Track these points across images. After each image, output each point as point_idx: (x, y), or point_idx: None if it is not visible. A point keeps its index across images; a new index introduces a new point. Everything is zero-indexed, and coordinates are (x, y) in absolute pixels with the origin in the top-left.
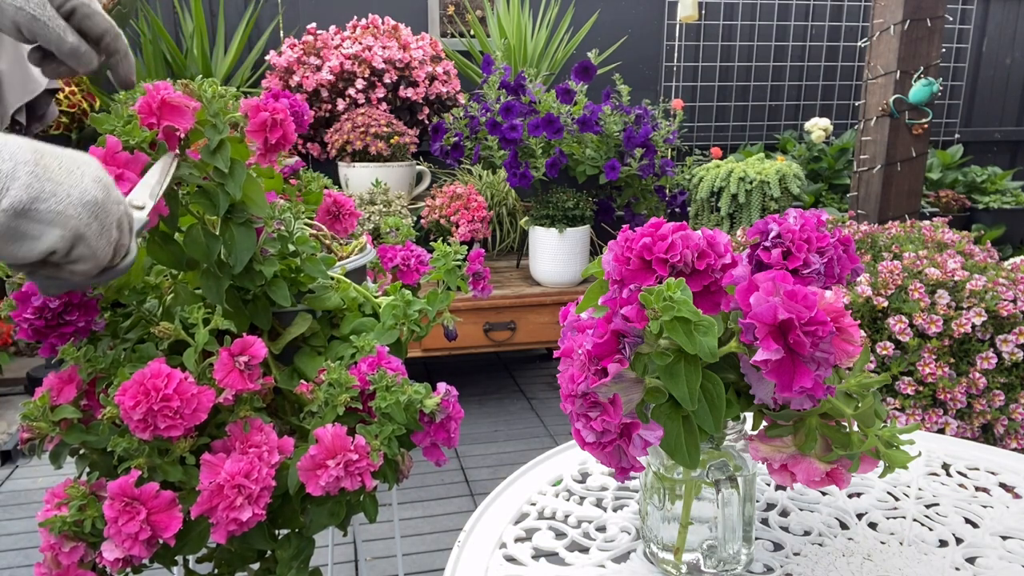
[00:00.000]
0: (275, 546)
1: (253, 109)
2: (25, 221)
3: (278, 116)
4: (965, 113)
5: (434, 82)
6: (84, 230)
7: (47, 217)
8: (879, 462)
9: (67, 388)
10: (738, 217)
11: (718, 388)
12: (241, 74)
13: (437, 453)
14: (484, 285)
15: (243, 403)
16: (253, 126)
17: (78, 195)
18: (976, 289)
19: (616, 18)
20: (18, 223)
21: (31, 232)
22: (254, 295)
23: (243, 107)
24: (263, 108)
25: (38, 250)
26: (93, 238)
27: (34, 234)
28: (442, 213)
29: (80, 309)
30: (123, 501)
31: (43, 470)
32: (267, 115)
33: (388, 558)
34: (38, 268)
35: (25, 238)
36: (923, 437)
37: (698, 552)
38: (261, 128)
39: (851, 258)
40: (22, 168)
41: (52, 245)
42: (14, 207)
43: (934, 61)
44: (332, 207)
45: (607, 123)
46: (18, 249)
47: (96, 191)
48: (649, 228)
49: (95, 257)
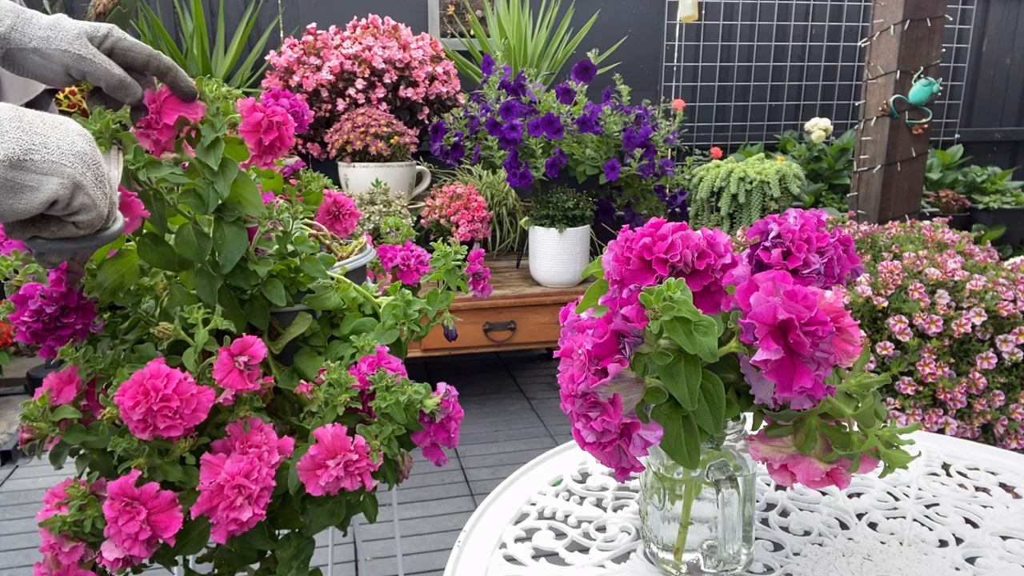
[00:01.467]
0: (275, 546)
1: (248, 110)
2: (22, 172)
3: (275, 118)
4: (965, 113)
5: (434, 82)
6: (80, 178)
7: (43, 167)
8: (879, 462)
9: (67, 388)
10: (738, 217)
11: (718, 388)
12: (241, 74)
13: (437, 453)
14: (484, 285)
15: (243, 403)
16: (246, 127)
17: (68, 145)
18: (976, 289)
19: (616, 18)
20: (15, 175)
21: (29, 183)
22: (251, 295)
23: (239, 107)
24: (258, 109)
25: (39, 200)
26: (90, 187)
27: (32, 184)
28: (442, 213)
29: (77, 312)
30: (123, 501)
31: (43, 470)
32: (261, 116)
33: (388, 558)
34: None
35: (24, 189)
36: (923, 437)
37: (698, 552)
38: (255, 129)
39: (851, 258)
40: (7, 123)
41: (53, 193)
42: (9, 158)
43: (934, 61)
44: (332, 207)
45: (607, 123)
46: (18, 202)
47: (83, 144)
48: (649, 228)
49: (96, 207)
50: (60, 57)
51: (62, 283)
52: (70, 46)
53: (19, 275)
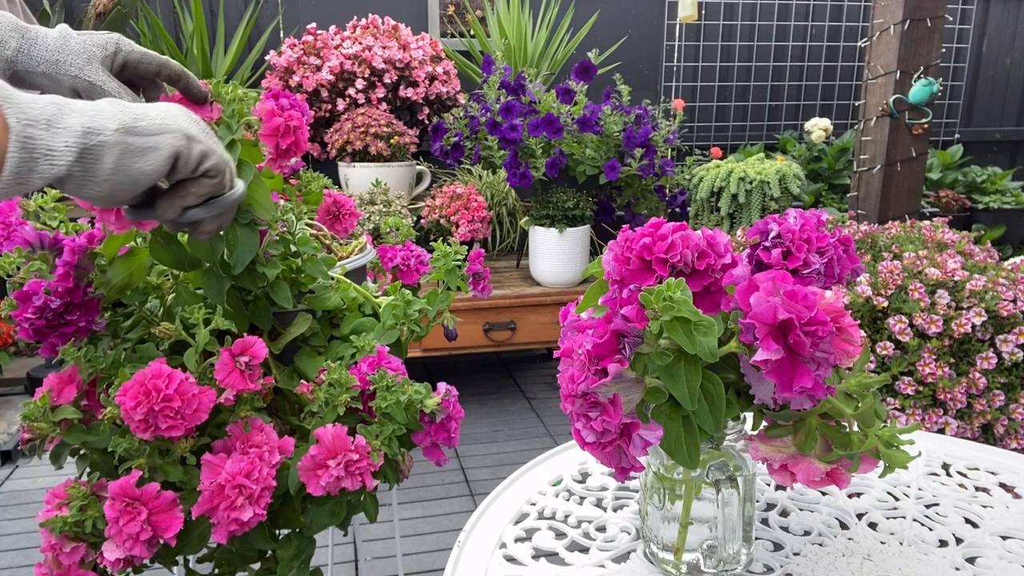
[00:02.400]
0: (276, 546)
1: (268, 114)
2: (138, 137)
3: (292, 123)
4: (965, 113)
5: (434, 82)
6: (189, 129)
7: (153, 128)
8: (879, 462)
9: (67, 388)
10: (738, 217)
11: (718, 388)
12: (241, 74)
13: (437, 453)
14: (484, 285)
15: (244, 403)
16: (266, 131)
17: (164, 110)
18: (976, 289)
19: (616, 18)
20: (133, 140)
21: (148, 144)
22: (255, 296)
23: (258, 111)
24: (277, 114)
25: (163, 156)
26: (201, 135)
27: (151, 144)
28: (442, 213)
29: (81, 308)
30: (124, 501)
31: (43, 470)
32: (281, 121)
33: (388, 558)
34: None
35: (146, 151)
36: (923, 437)
37: (698, 552)
38: (274, 133)
39: (851, 258)
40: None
41: (172, 146)
42: (123, 126)
43: (934, 61)
44: (332, 207)
45: (607, 123)
46: (146, 163)
47: (175, 108)
48: (649, 228)
49: (215, 152)
50: (71, 83)
51: (69, 278)
52: (80, 72)
53: (22, 272)
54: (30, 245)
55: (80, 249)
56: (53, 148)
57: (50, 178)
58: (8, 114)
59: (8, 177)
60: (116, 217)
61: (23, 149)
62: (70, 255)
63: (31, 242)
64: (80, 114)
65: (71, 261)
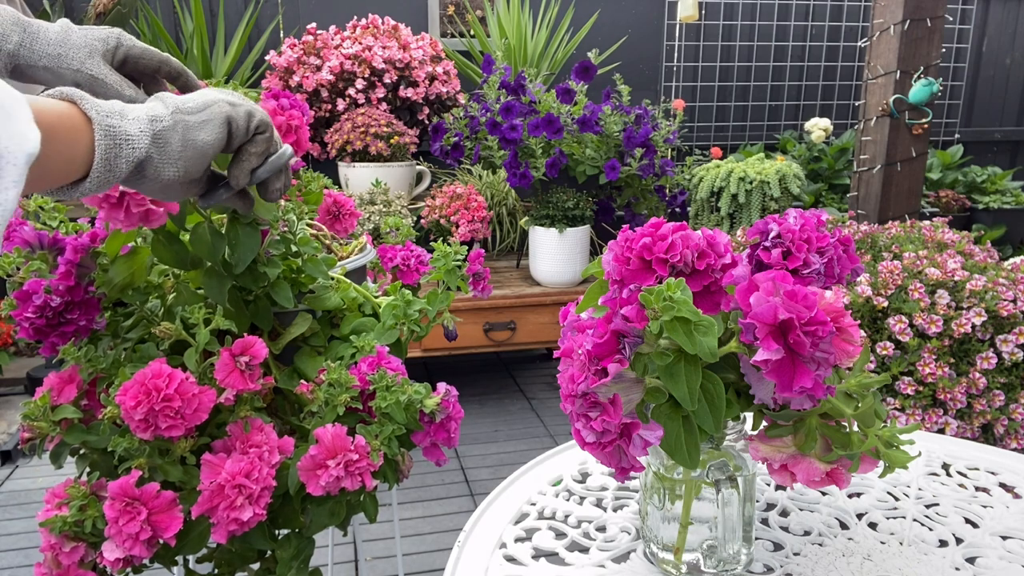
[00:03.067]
0: (275, 546)
1: (269, 113)
2: (190, 115)
3: (293, 122)
4: (965, 113)
5: (434, 82)
6: (229, 97)
7: (199, 105)
8: (879, 462)
9: (68, 388)
10: (738, 217)
11: (718, 388)
12: (241, 74)
13: (437, 453)
14: (484, 285)
15: (244, 403)
16: None
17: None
18: (976, 289)
19: (616, 18)
20: (188, 118)
21: (201, 118)
22: (256, 296)
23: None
24: (278, 113)
25: (219, 124)
26: (240, 100)
27: (204, 118)
28: (442, 213)
29: (81, 308)
30: (124, 501)
31: (43, 470)
32: (283, 120)
33: (388, 558)
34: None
35: (203, 125)
36: (923, 437)
37: (698, 552)
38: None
39: (851, 258)
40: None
41: (223, 115)
42: (176, 108)
43: (934, 61)
44: (332, 207)
45: (607, 123)
46: (206, 134)
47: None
48: (649, 228)
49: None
50: (72, 76)
51: (71, 276)
52: (82, 66)
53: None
54: (29, 245)
55: (83, 248)
56: (131, 134)
57: (134, 161)
58: (87, 108)
59: (100, 164)
60: (125, 214)
61: (107, 136)
62: (73, 253)
63: (30, 242)
64: (138, 106)
65: (74, 259)
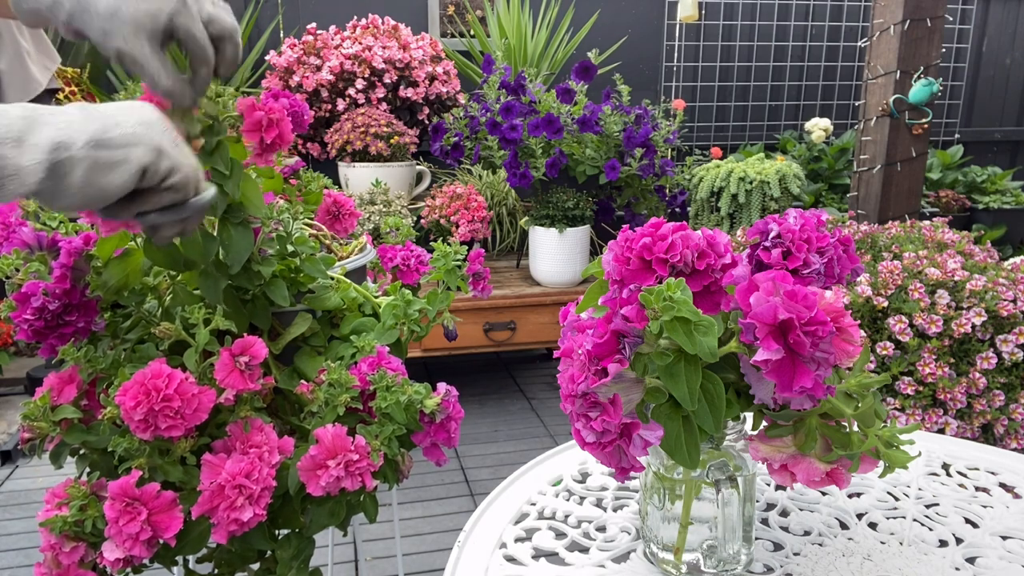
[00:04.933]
0: (275, 546)
1: (248, 109)
2: (106, 150)
3: (273, 116)
4: (965, 113)
5: (434, 82)
6: (159, 141)
7: (123, 140)
8: (879, 462)
9: (67, 388)
10: (738, 217)
11: (718, 388)
12: (241, 74)
13: (437, 453)
14: (484, 285)
15: (243, 403)
16: (248, 126)
17: (136, 118)
18: (976, 289)
19: (616, 18)
20: (102, 153)
21: (116, 158)
22: (253, 295)
23: (238, 107)
24: (258, 108)
25: (132, 170)
26: (170, 148)
27: (120, 158)
28: (442, 213)
29: (80, 310)
30: (124, 501)
31: (43, 470)
32: (262, 115)
33: (388, 558)
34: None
35: (115, 165)
36: (923, 437)
37: (698, 552)
38: (256, 128)
39: (851, 258)
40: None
41: (141, 160)
42: (92, 139)
43: (934, 61)
44: (332, 207)
45: (607, 123)
46: (115, 177)
47: (149, 113)
48: (649, 228)
49: (182, 166)
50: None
51: (66, 279)
52: (125, 44)
53: (20, 273)
54: (28, 246)
55: (76, 251)
56: (20, 167)
57: (20, 196)
58: None
59: None
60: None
61: None
62: (66, 257)
63: (29, 243)
64: (51, 126)
65: (67, 263)
